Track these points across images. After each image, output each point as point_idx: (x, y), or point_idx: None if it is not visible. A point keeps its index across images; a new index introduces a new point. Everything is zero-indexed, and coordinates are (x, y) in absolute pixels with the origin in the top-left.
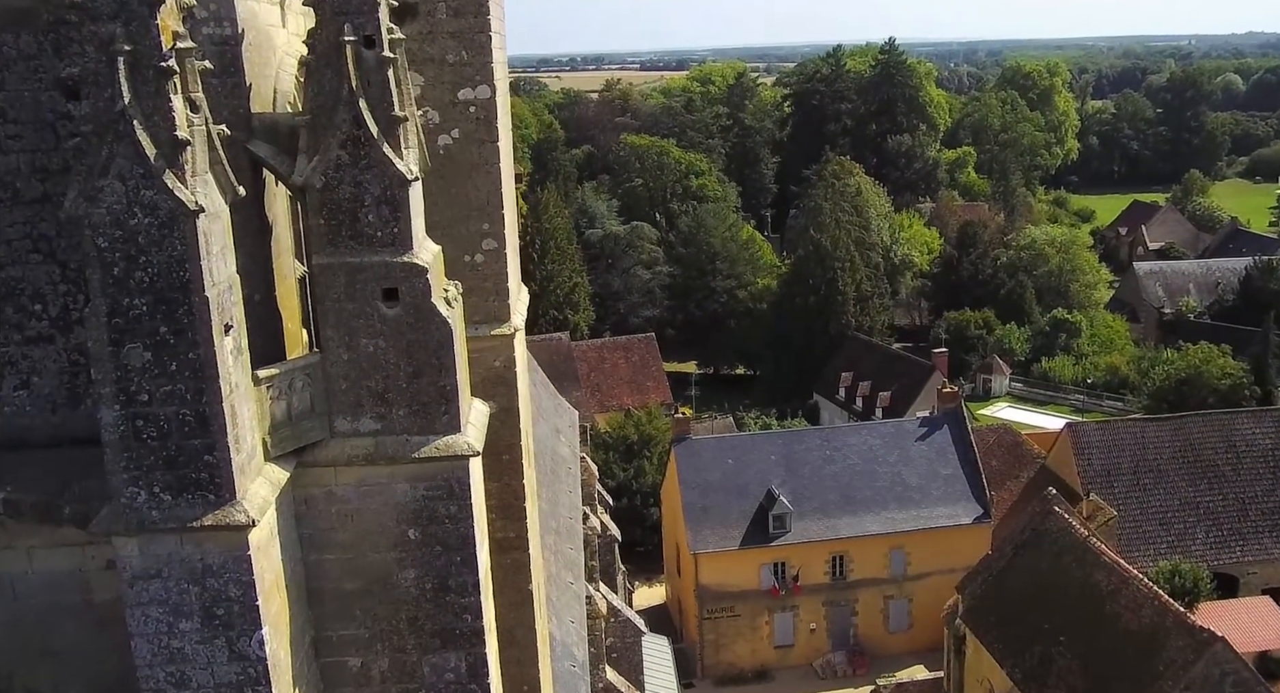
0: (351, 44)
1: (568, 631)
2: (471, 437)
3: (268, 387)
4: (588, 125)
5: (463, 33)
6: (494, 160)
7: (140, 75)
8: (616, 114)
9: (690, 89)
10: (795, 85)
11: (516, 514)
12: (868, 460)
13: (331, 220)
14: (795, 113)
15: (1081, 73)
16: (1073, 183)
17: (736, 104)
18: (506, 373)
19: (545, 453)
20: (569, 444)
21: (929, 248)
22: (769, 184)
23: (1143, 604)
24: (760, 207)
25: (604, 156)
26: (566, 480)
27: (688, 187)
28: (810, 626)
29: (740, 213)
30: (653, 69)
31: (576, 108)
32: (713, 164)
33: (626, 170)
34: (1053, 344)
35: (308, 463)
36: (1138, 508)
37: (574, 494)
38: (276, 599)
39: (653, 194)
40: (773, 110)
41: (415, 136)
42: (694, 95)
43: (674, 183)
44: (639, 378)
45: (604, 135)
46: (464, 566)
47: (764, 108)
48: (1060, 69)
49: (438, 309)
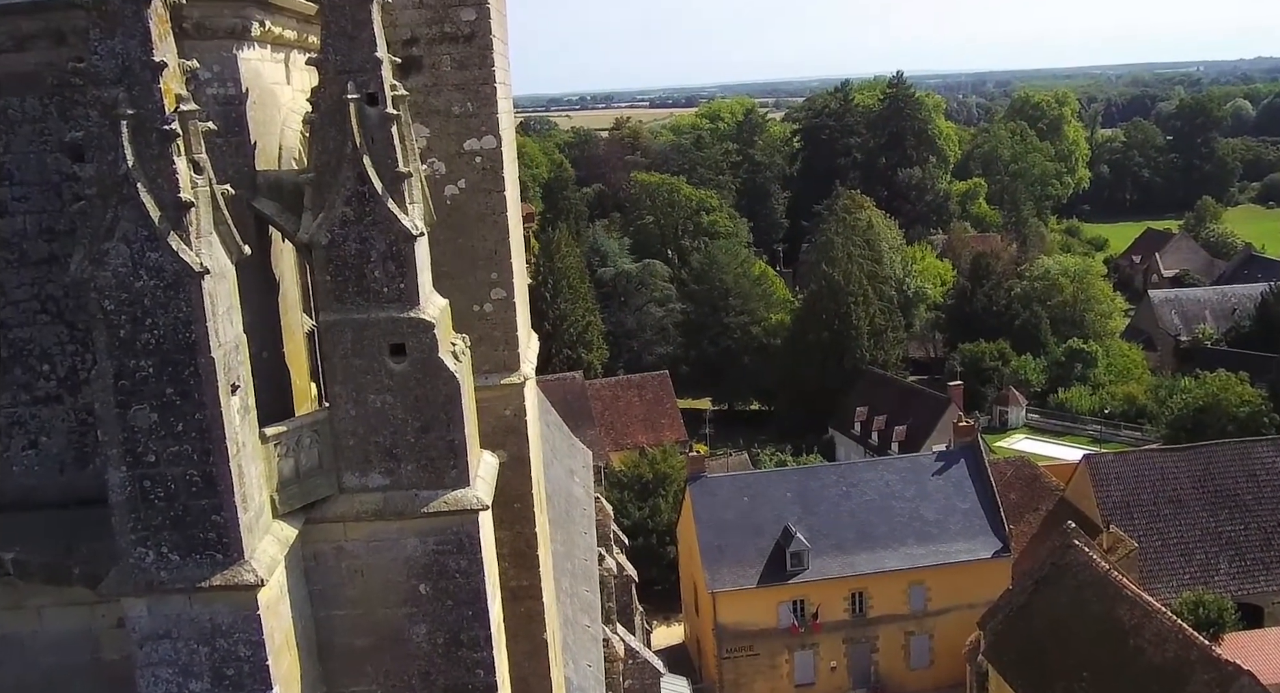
0: (355, 102)
1: (585, 674)
2: (481, 491)
3: (275, 444)
4: (598, 164)
5: (467, 85)
6: (501, 210)
7: (143, 138)
8: (627, 152)
9: (699, 126)
10: (804, 120)
11: (529, 563)
12: (885, 496)
13: (338, 277)
14: (805, 148)
15: (1091, 102)
16: (1085, 212)
17: (746, 140)
18: (517, 422)
19: (559, 495)
20: (583, 485)
21: (942, 280)
22: (780, 219)
23: (1166, 638)
24: (772, 242)
25: (615, 194)
26: (581, 522)
27: (699, 223)
28: (831, 664)
29: (752, 248)
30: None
31: (586, 146)
32: (723, 200)
33: (637, 208)
34: (1069, 374)
35: (316, 519)
36: (1159, 539)
37: (589, 535)
38: (287, 657)
39: (664, 231)
40: (782, 146)
41: (420, 191)
42: (703, 132)
43: (685, 220)
44: (653, 416)
45: (614, 174)
46: (475, 620)
47: (773, 143)
48: (1069, 98)
49: (445, 364)
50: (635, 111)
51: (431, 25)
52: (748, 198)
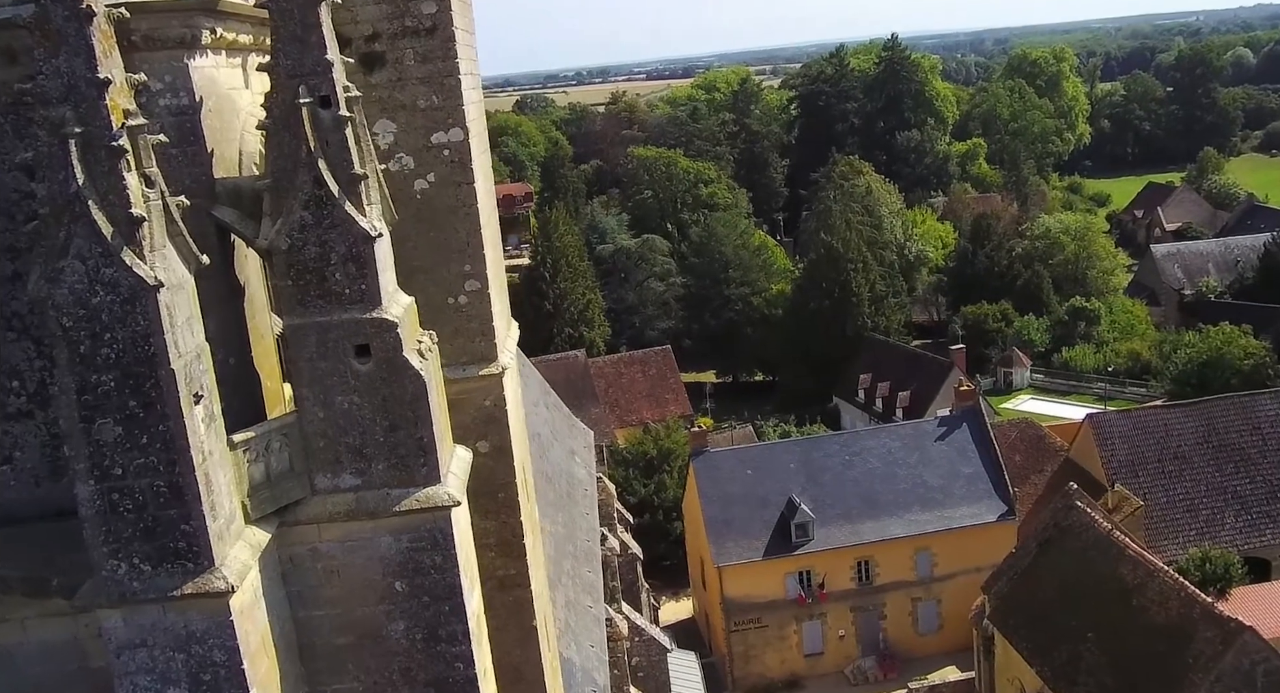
0: (307, 106)
1: (588, 656)
2: (452, 487)
3: (244, 450)
4: (595, 140)
5: (432, 78)
6: (471, 202)
7: (93, 155)
8: (623, 127)
9: (695, 97)
10: (800, 87)
11: (516, 552)
12: (888, 463)
13: (299, 281)
14: (802, 115)
15: (1090, 56)
16: (1087, 168)
17: (742, 110)
18: (497, 412)
19: (561, 476)
20: (585, 466)
21: (944, 243)
22: (779, 188)
23: (1169, 597)
24: (772, 211)
25: (613, 170)
26: (583, 503)
27: (698, 196)
28: (839, 632)
29: (752, 219)
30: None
31: (583, 123)
32: (722, 171)
33: (636, 183)
34: (1072, 333)
35: (290, 522)
36: (1164, 496)
37: (591, 516)
38: (264, 660)
39: (663, 205)
40: (779, 114)
41: (378, 191)
42: (699, 103)
43: (684, 193)
44: (657, 391)
45: (612, 149)
46: (452, 615)
47: (770, 112)
48: (1066, 54)
49: (410, 362)
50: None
51: (393, 20)
52: (746, 168)
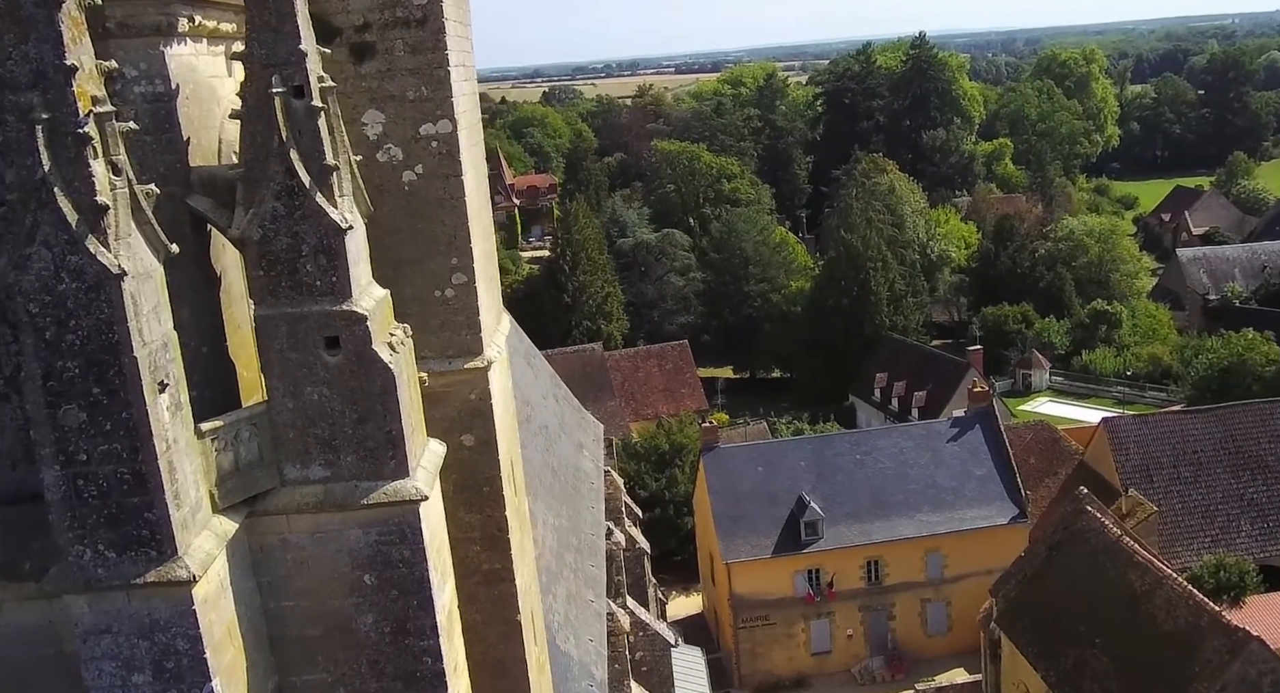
0: (280, 95)
1: (587, 650)
2: (421, 481)
3: (213, 439)
4: (621, 132)
5: (421, 69)
6: (459, 195)
7: (59, 142)
8: (649, 120)
9: (721, 92)
10: (826, 84)
11: (501, 546)
12: (899, 464)
13: (271, 271)
14: (827, 112)
15: (1121, 57)
16: (1114, 170)
17: (767, 105)
18: (482, 405)
19: (567, 469)
20: (593, 459)
21: (966, 243)
22: (803, 185)
23: (1177, 604)
24: (795, 208)
25: (637, 163)
26: (589, 496)
27: (720, 191)
28: (847, 632)
29: (774, 215)
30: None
31: (609, 115)
32: (745, 167)
33: (658, 177)
34: (1093, 336)
35: (259, 512)
36: (1179, 502)
37: (597, 510)
38: (229, 649)
39: (685, 200)
40: (804, 110)
41: (351, 183)
42: (725, 98)
43: (706, 188)
44: (673, 386)
45: (636, 142)
46: (421, 609)
47: (796, 108)
48: (1096, 55)
49: (380, 356)
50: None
51: (384, 10)
52: (770, 164)
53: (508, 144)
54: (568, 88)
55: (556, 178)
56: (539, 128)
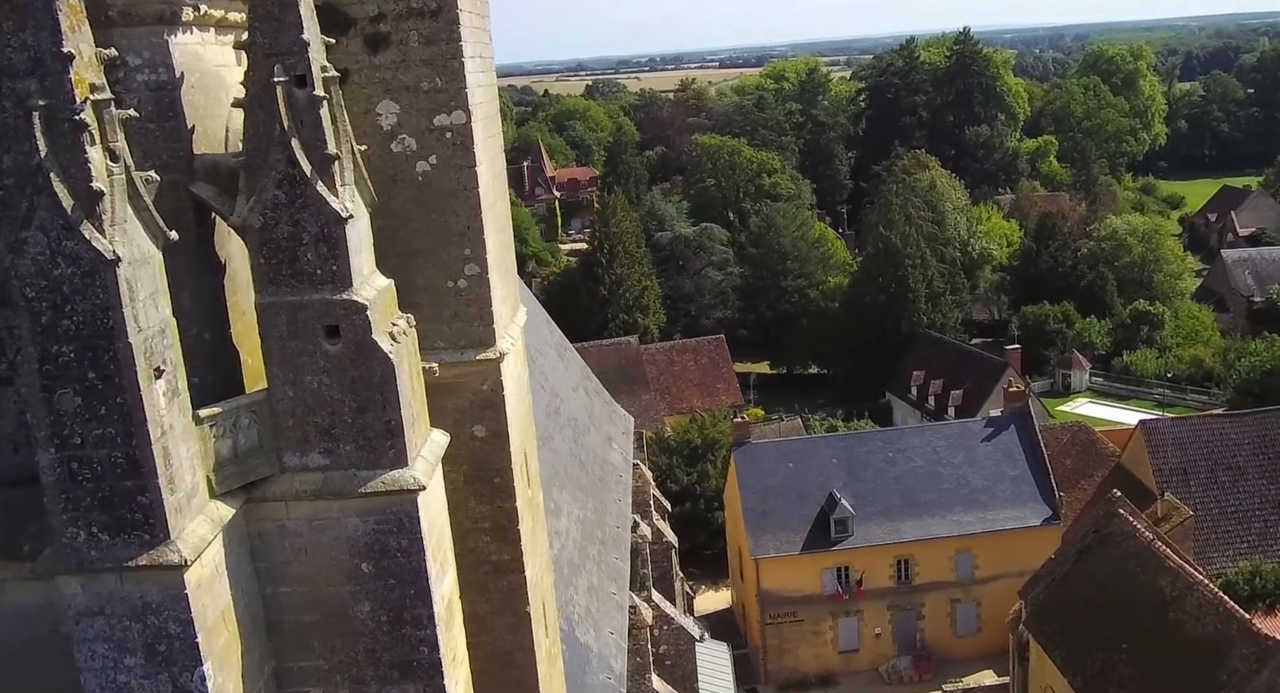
0: (283, 85)
1: (606, 642)
2: (419, 471)
3: (211, 425)
4: (662, 126)
5: (435, 60)
6: (472, 185)
7: (56, 128)
8: (690, 114)
9: (764, 86)
10: (869, 79)
11: (511, 537)
12: (932, 462)
13: (271, 259)
14: (869, 107)
15: (1170, 55)
16: (1161, 169)
17: (809, 100)
18: (494, 396)
19: (595, 462)
20: (621, 452)
21: (1008, 241)
22: (844, 180)
23: (1207, 611)
24: (836, 203)
25: (678, 157)
26: (616, 489)
27: (760, 186)
28: (875, 630)
29: (815, 210)
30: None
31: (651, 109)
32: (786, 162)
33: (698, 171)
34: (1134, 337)
35: (258, 499)
36: (1215, 507)
37: (623, 502)
38: (223, 634)
39: (725, 194)
40: (847, 105)
41: (352, 173)
42: (767, 92)
43: (746, 182)
44: (709, 380)
45: (678, 136)
46: (418, 598)
47: (838, 103)
48: (1144, 52)
49: (379, 346)
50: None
51: (398, 0)
52: (811, 159)
53: (549, 137)
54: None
55: (597, 171)
56: (581, 121)
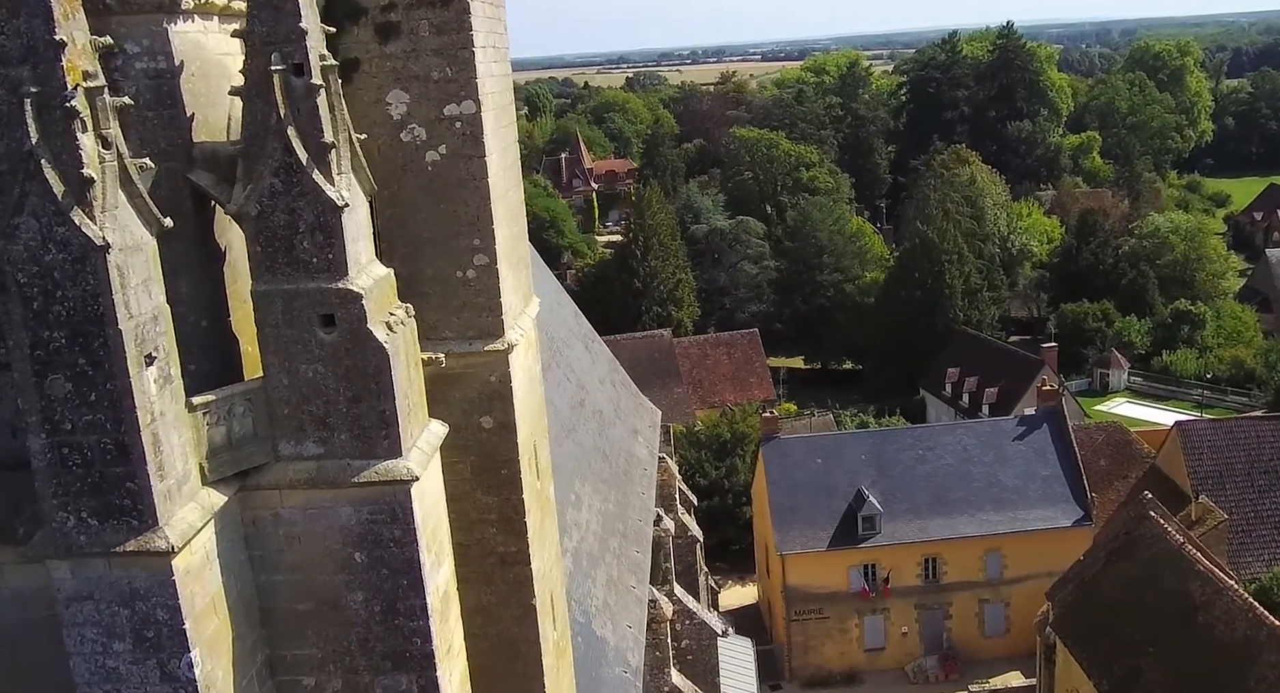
0: (280, 73)
1: (624, 636)
2: (414, 461)
3: (205, 413)
4: (701, 119)
5: (446, 49)
6: (481, 175)
7: (48, 115)
8: (729, 107)
9: (804, 80)
10: (910, 73)
11: (517, 529)
12: (962, 461)
13: (268, 247)
14: (910, 101)
15: (1219, 51)
16: (1207, 166)
17: (849, 94)
18: (502, 388)
19: (619, 454)
20: (647, 445)
21: (1049, 237)
22: (883, 174)
23: (1236, 616)
24: (875, 198)
25: (716, 150)
26: (640, 482)
27: (798, 179)
28: (902, 629)
29: (853, 204)
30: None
31: (690, 101)
32: (824, 156)
33: (736, 164)
34: (1175, 337)
35: (252, 486)
36: (1251, 511)
37: (647, 496)
38: (213, 621)
39: (763, 187)
40: (888, 99)
41: (350, 162)
42: (807, 86)
43: (784, 176)
44: (742, 374)
45: (716, 129)
46: (410, 589)
47: (879, 97)
48: (1192, 48)
49: (374, 335)
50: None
51: None
52: (850, 153)
53: (588, 129)
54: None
55: (635, 163)
56: (620, 113)
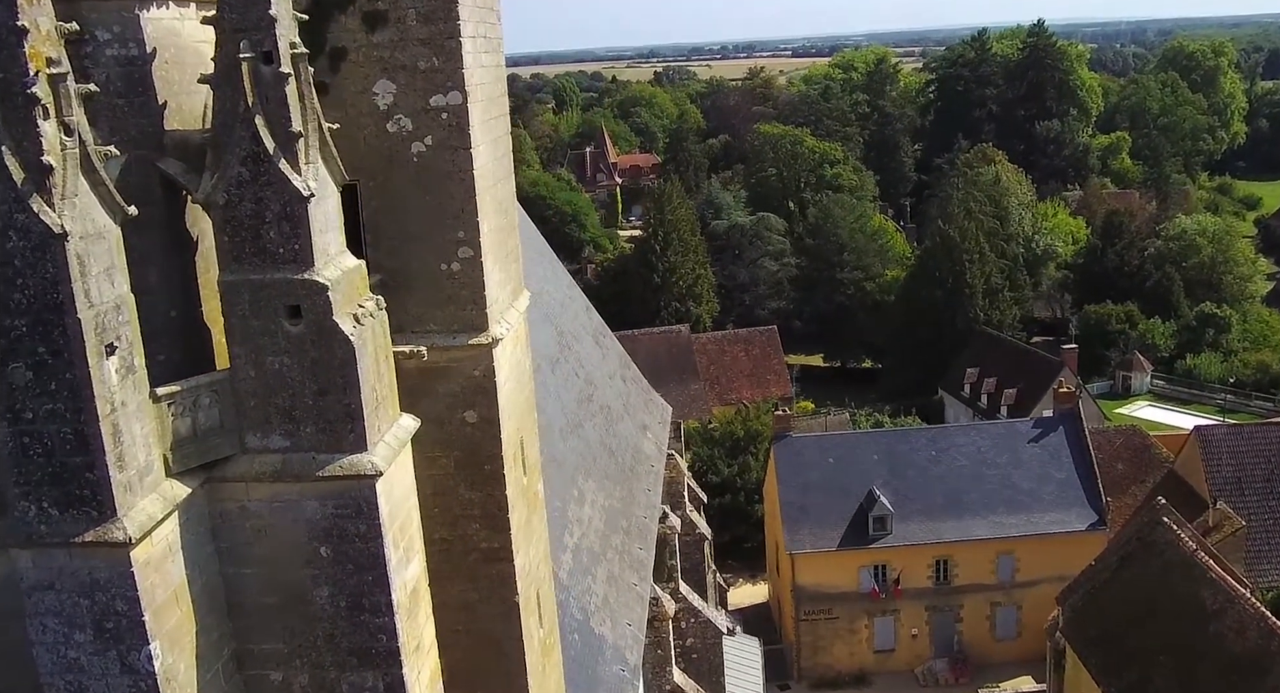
0: (248, 61)
1: (623, 634)
2: (380, 456)
3: (170, 403)
4: (728, 115)
5: (433, 39)
6: (467, 167)
7: (9, 102)
8: (756, 103)
9: (832, 76)
10: (939, 71)
11: (500, 525)
12: (976, 462)
13: (235, 237)
14: (938, 99)
15: (1255, 51)
16: (1240, 168)
17: (876, 91)
18: (486, 382)
19: (625, 451)
20: (655, 441)
21: (1074, 238)
22: (909, 173)
23: (1248, 626)
24: (900, 196)
25: (741, 146)
26: (647, 479)
27: (821, 176)
28: (912, 631)
29: (878, 202)
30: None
31: (717, 97)
32: (849, 153)
33: (760, 160)
34: (1199, 340)
35: (218, 478)
36: (1270, 518)
37: (653, 493)
38: (175, 613)
39: (786, 184)
40: (915, 97)
41: (319, 151)
42: (834, 82)
43: (808, 173)
44: (759, 371)
45: (742, 125)
46: (376, 585)
47: (906, 95)
48: (1226, 49)
49: (340, 327)
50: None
51: None
52: (876, 150)
53: (614, 123)
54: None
55: (660, 158)
56: (647, 108)
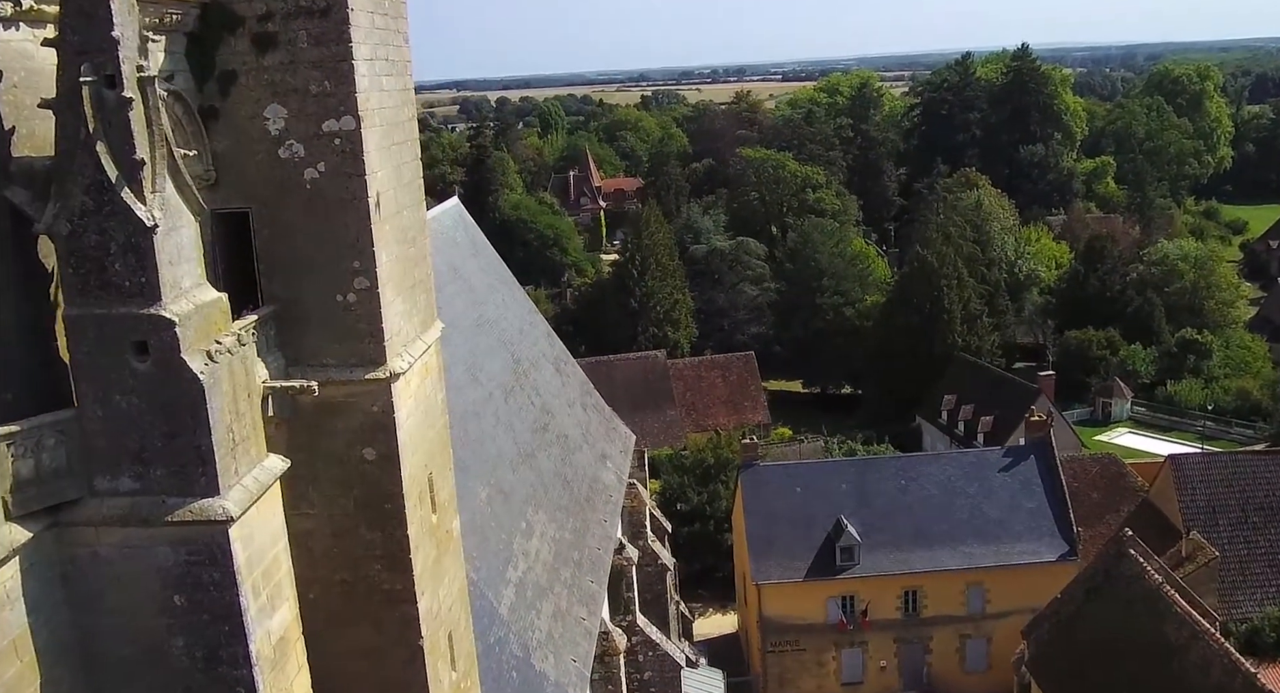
0: (90, 85)
1: (566, 670)
2: (232, 501)
3: (9, 444)
4: (714, 138)
5: (324, 62)
6: (361, 195)
7: None
8: (741, 126)
9: (817, 100)
10: (923, 94)
11: (401, 566)
12: (946, 492)
13: (79, 269)
14: (922, 123)
15: (1243, 76)
16: (1226, 193)
17: (860, 115)
18: (384, 418)
19: (582, 481)
20: (616, 471)
21: (1057, 263)
22: (892, 197)
23: (1212, 662)
24: (883, 220)
25: (724, 170)
26: (603, 509)
27: (804, 200)
28: (880, 663)
29: (861, 226)
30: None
31: (703, 120)
32: (832, 177)
33: (742, 184)
34: (1181, 366)
35: (64, 523)
36: (1244, 548)
37: (610, 524)
38: (15, 664)
39: (768, 208)
40: (900, 121)
41: (174, 179)
42: (819, 106)
43: (790, 197)
44: (736, 398)
45: (727, 148)
46: (232, 636)
47: (890, 118)
48: (1212, 73)
49: (188, 365)
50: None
51: None
52: (859, 174)
53: (599, 147)
54: (670, 92)
55: (642, 181)
56: (633, 131)
